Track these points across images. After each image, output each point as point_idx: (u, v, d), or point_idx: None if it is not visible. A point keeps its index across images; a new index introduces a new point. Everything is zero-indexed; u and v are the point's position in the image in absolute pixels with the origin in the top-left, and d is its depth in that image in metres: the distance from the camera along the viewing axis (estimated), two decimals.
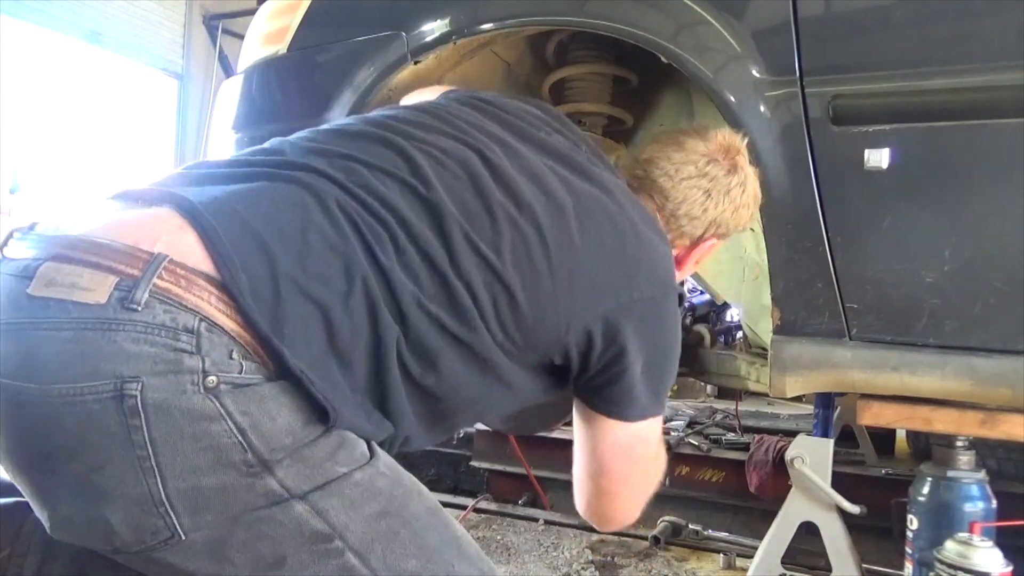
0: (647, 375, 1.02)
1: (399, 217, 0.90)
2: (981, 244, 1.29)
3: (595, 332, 0.98)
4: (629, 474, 1.11)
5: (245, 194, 0.87)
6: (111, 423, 0.74)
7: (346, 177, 0.91)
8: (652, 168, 1.19)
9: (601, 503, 1.14)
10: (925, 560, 1.47)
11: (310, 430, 0.82)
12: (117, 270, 0.77)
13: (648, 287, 1.01)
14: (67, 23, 5.80)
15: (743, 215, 1.23)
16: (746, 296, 1.76)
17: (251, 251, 0.81)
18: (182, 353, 0.76)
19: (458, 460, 3.55)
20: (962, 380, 1.31)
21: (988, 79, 1.24)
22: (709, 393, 4.04)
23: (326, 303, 0.82)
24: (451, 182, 0.96)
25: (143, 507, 0.76)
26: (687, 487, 2.92)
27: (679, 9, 1.38)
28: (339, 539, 0.81)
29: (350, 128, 1.04)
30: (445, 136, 1.02)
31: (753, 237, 1.66)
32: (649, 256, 1.05)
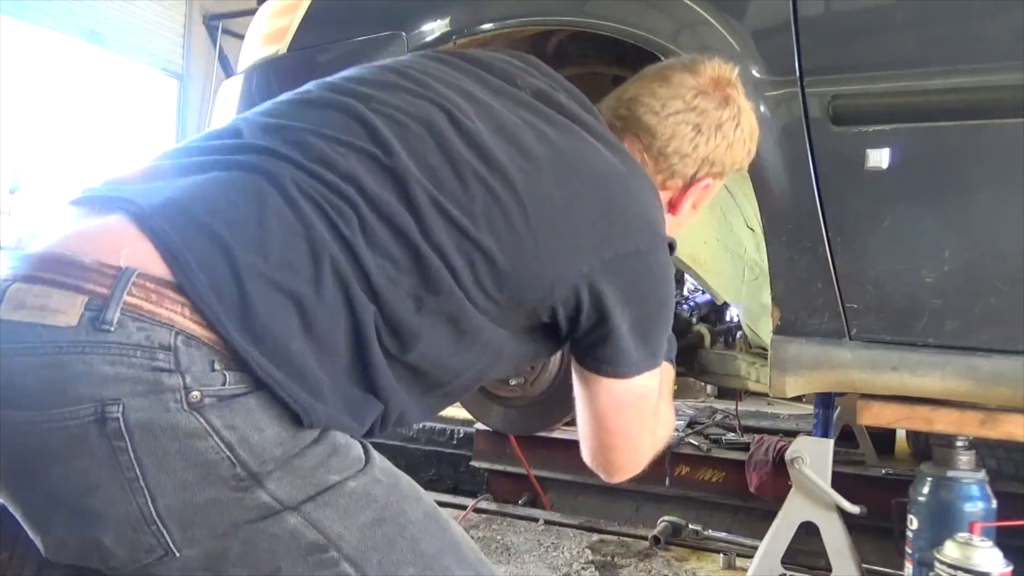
0: (637, 332, 0.99)
1: (361, 190, 0.86)
2: (981, 244, 1.29)
3: (581, 291, 0.94)
4: (628, 428, 1.08)
5: (197, 189, 0.83)
6: (96, 446, 0.73)
7: (302, 154, 0.88)
8: (636, 106, 1.11)
9: (604, 455, 1.13)
10: (925, 560, 1.47)
11: (300, 439, 0.81)
12: (85, 289, 0.75)
13: (634, 239, 0.97)
14: (67, 23, 5.80)
15: (738, 152, 1.15)
16: (746, 296, 1.76)
17: (208, 250, 0.78)
18: (161, 372, 0.74)
19: (458, 460, 3.55)
20: (962, 380, 1.31)
21: (988, 79, 1.24)
22: (709, 393, 4.04)
23: (297, 291, 0.80)
24: (415, 145, 0.91)
25: (135, 526, 0.76)
26: (687, 487, 2.91)
27: (679, 9, 1.38)
28: (334, 549, 0.80)
29: (308, 96, 0.99)
30: (407, 94, 0.97)
31: (753, 237, 1.66)
32: (634, 207, 1.00)
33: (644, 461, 1.16)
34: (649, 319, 1.02)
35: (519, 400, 1.87)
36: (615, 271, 0.95)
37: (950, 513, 1.50)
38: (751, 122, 1.16)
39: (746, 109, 1.15)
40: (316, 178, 0.86)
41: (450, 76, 1.03)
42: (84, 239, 0.79)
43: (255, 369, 0.77)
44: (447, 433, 3.64)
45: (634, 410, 1.07)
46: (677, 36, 1.38)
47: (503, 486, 3.22)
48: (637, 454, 1.13)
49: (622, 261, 0.96)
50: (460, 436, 3.57)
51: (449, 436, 3.64)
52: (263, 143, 0.90)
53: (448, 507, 2.88)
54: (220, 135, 0.95)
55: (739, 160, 1.17)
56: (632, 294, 0.97)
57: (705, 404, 3.82)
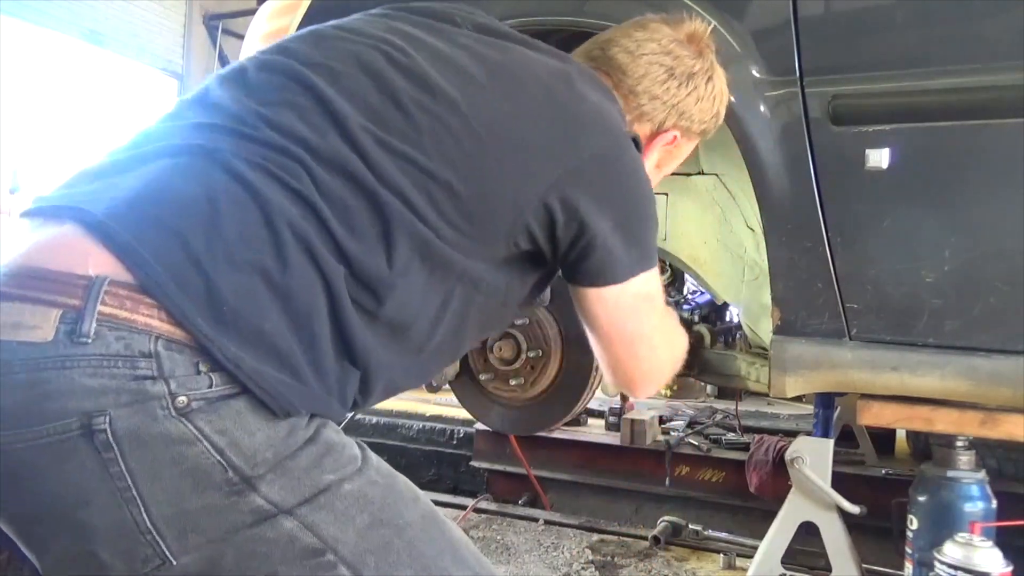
0: (621, 235, 0.96)
1: (306, 145, 0.84)
2: (981, 244, 1.29)
3: (552, 205, 0.91)
4: (639, 333, 1.04)
5: (143, 182, 0.81)
6: (86, 459, 0.73)
7: (241, 123, 0.86)
8: (611, 46, 1.10)
9: (625, 370, 1.08)
10: (925, 560, 1.47)
11: (293, 440, 0.80)
12: (58, 302, 0.74)
13: (596, 142, 0.94)
14: (67, 23, 5.80)
15: (706, 108, 1.14)
16: (746, 296, 1.76)
17: (163, 243, 0.76)
18: (144, 380, 0.73)
19: (458, 460, 3.55)
20: (962, 380, 1.31)
21: (988, 79, 1.24)
22: (709, 393, 4.04)
23: (260, 264, 0.78)
24: (352, 88, 0.89)
25: (130, 537, 0.75)
26: (687, 487, 2.92)
27: (679, 9, 1.38)
28: (331, 552, 0.79)
29: (243, 68, 0.97)
30: (342, 43, 0.96)
31: (753, 237, 1.66)
32: (590, 111, 0.97)
33: (666, 370, 1.12)
34: (631, 219, 0.98)
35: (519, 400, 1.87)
36: (582, 178, 0.92)
37: (950, 513, 1.50)
38: (722, 84, 1.16)
39: (719, 70, 1.15)
40: (259, 143, 0.84)
41: (387, 22, 1.01)
42: (46, 251, 0.78)
43: (222, 361, 0.75)
44: (447, 433, 3.65)
45: (639, 314, 1.03)
46: None
47: (503, 486, 3.23)
48: (656, 361, 1.09)
49: (587, 166, 0.93)
50: (460, 436, 3.58)
51: (449, 436, 3.64)
52: (202, 120, 0.88)
53: (448, 507, 2.89)
54: (163, 120, 0.93)
55: (707, 118, 1.16)
56: (606, 198, 0.94)
57: (705, 404, 3.82)
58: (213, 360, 0.76)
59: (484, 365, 1.85)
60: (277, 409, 0.78)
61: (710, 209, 1.78)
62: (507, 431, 2.72)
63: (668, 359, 1.13)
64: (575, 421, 3.22)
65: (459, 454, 3.55)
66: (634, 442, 3.02)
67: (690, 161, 1.81)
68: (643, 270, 1.00)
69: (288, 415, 0.80)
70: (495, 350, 1.81)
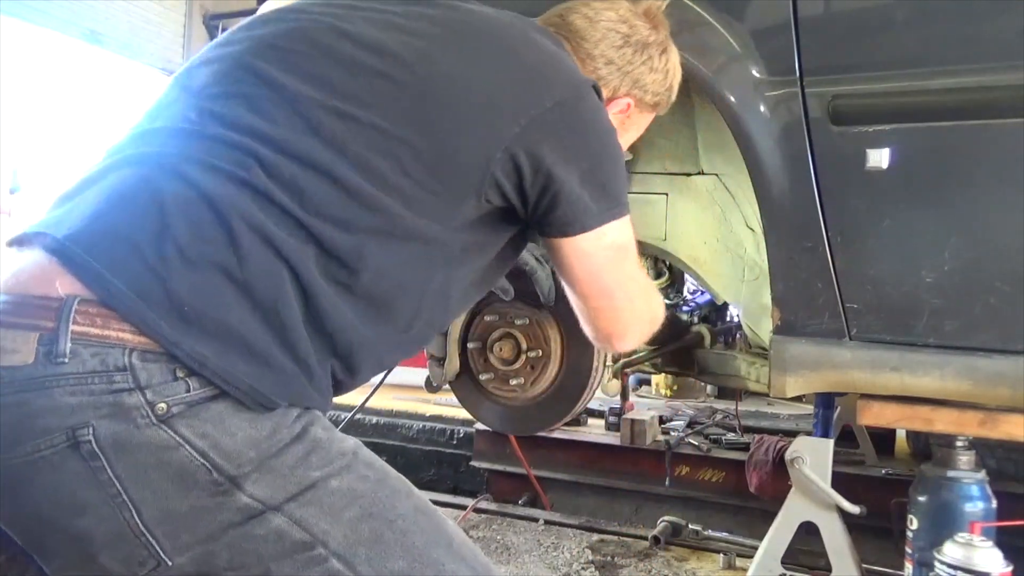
0: (589, 183, 0.95)
1: (253, 133, 0.84)
2: (981, 244, 1.29)
3: (518, 158, 0.90)
4: (617, 282, 1.04)
5: (98, 199, 0.83)
6: (76, 469, 0.75)
7: (187, 122, 0.87)
8: (570, 13, 1.12)
9: (603, 323, 1.09)
10: (925, 560, 1.47)
11: (277, 438, 0.81)
12: (35, 325, 0.76)
13: (557, 91, 0.93)
14: (67, 23, 5.79)
15: (659, 80, 1.16)
16: (746, 296, 1.76)
17: (119, 255, 0.78)
18: (120, 394, 0.75)
19: (458, 460, 3.55)
20: (962, 380, 1.31)
21: (988, 79, 1.24)
22: (709, 393, 4.04)
23: (218, 261, 0.79)
24: (302, 64, 0.89)
25: (126, 540, 0.77)
26: (687, 487, 2.92)
27: (679, 9, 1.38)
28: (321, 546, 0.80)
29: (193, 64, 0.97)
30: (287, 23, 0.96)
31: (753, 237, 1.66)
32: (542, 58, 0.97)
33: (644, 321, 1.12)
34: (597, 167, 0.97)
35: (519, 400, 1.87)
36: (545, 128, 0.91)
37: (950, 513, 1.50)
38: (676, 60, 1.19)
39: (674, 48, 1.18)
40: (205, 139, 0.85)
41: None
42: (21, 278, 0.80)
43: (187, 362, 0.77)
44: (447, 433, 3.65)
45: (613, 264, 1.02)
46: (677, 36, 1.38)
47: (503, 486, 3.23)
48: (634, 311, 1.09)
49: (549, 116, 0.92)
50: (460, 436, 3.58)
51: (449, 436, 3.64)
52: (152, 126, 0.90)
53: (448, 507, 2.89)
54: (128, 132, 0.95)
55: (660, 90, 1.17)
56: (570, 147, 0.93)
57: (705, 404, 3.83)
58: (186, 365, 0.77)
59: (484, 365, 1.84)
60: (251, 404, 0.80)
61: (710, 209, 1.78)
62: (507, 431, 2.72)
63: (645, 310, 1.12)
64: (575, 421, 3.22)
65: (459, 454, 3.55)
66: (634, 442, 3.02)
67: (690, 161, 1.81)
68: (614, 218, 0.99)
69: (267, 408, 0.81)
70: (495, 350, 1.81)
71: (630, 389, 3.65)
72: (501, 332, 1.81)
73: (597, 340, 1.14)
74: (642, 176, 1.83)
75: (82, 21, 5.90)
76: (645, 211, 1.85)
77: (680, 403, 3.83)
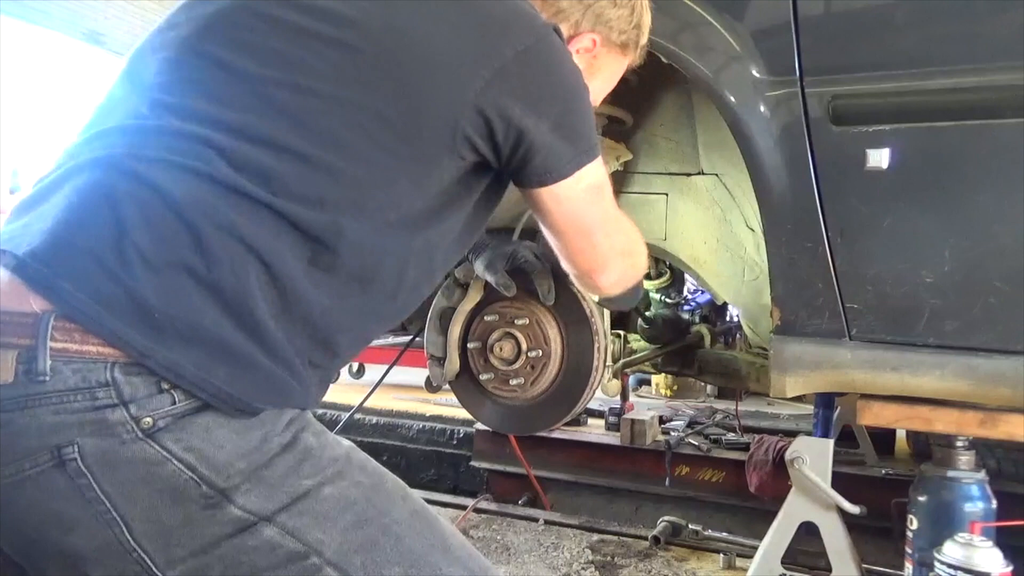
0: (560, 131, 0.92)
1: (208, 121, 0.81)
2: (981, 244, 1.29)
3: (487, 112, 0.87)
4: (594, 220, 1.03)
5: (55, 211, 0.79)
6: (62, 488, 0.74)
7: (137, 118, 0.84)
8: None
9: (585, 259, 1.08)
10: (925, 560, 1.47)
11: (267, 448, 0.80)
12: (12, 343, 0.74)
13: (516, 39, 0.89)
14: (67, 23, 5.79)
15: (624, 16, 1.13)
16: (746, 296, 1.76)
17: (81, 267, 0.75)
18: (104, 410, 0.74)
19: (458, 460, 3.55)
20: (962, 380, 1.31)
21: (988, 79, 1.24)
22: (709, 393, 4.04)
23: (182, 261, 0.76)
24: (250, 39, 0.85)
25: (117, 556, 0.76)
26: (687, 487, 2.92)
27: (679, 9, 1.38)
28: (315, 555, 0.79)
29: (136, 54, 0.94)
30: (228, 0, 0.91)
31: (753, 237, 1.66)
32: (504, 8, 0.93)
33: (624, 257, 1.12)
34: (566, 113, 0.94)
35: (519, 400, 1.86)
36: (511, 78, 0.88)
37: (950, 513, 1.50)
38: (643, 3, 1.16)
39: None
40: (158, 134, 0.82)
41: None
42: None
43: (162, 373, 0.75)
44: (447, 433, 3.64)
45: (590, 205, 1.01)
46: (677, 36, 1.38)
47: (503, 486, 3.23)
48: (613, 247, 1.08)
49: (513, 65, 0.88)
50: (460, 436, 3.58)
51: (449, 436, 3.64)
52: (102, 127, 0.87)
53: (448, 507, 2.89)
54: (79, 135, 0.91)
55: (626, 27, 1.14)
56: (537, 97, 0.91)
57: (705, 404, 3.83)
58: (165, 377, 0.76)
59: (484, 365, 1.84)
60: (230, 411, 0.78)
61: (710, 209, 1.78)
62: (507, 431, 2.72)
63: (625, 244, 1.11)
64: (575, 421, 3.22)
65: (459, 454, 3.55)
66: (634, 442, 3.02)
67: (690, 161, 1.81)
68: (588, 161, 0.97)
69: (252, 416, 0.79)
70: (495, 350, 1.80)
71: (630, 389, 3.66)
72: (501, 332, 1.81)
73: (579, 279, 1.14)
74: (642, 176, 1.83)
75: (82, 22, 5.89)
76: (645, 211, 1.85)
77: (680, 403, 3.83)
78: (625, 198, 1.87)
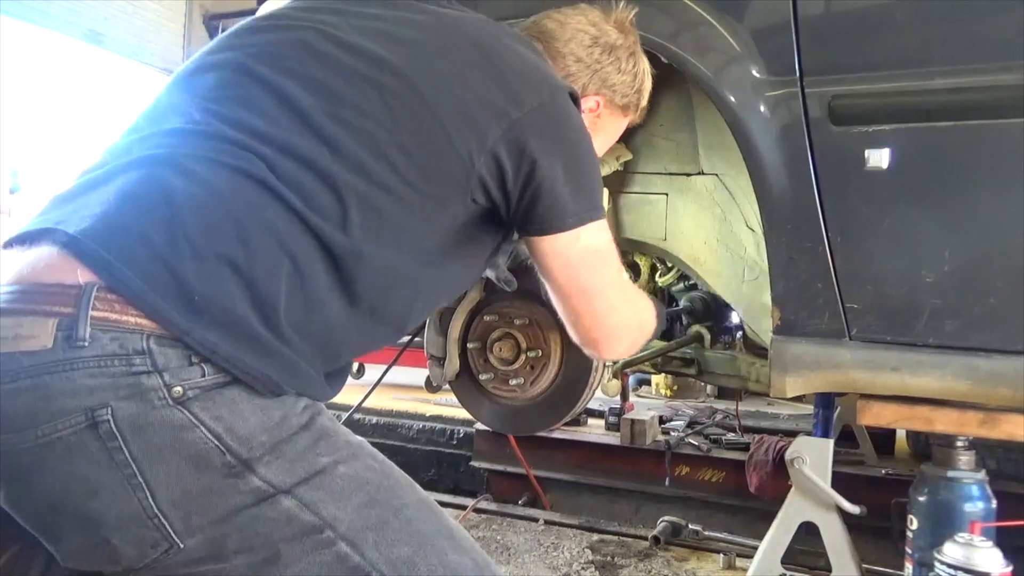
0: (568, 180, 0.99)
1: (256, 133, 0.88)
2: (981, 244, 1.29)
3: (501, 154, 0.95)
4: (595, 287, 1.08)
5: (108, 197, 0.85)
6: (92, 450, 0.77)
7: (192, 123, 0.90)
8: (543, 19, 1.21)
9: (585, 325, 1.12)
10: (925, 560, 1.47)
11: (287, 425, 0.84)
12: (54, 311, 0.78)
13: (534, 95, 0.98)
14: (67, 23, 5.80)
15: (627, 81, 1.22)
16: (746, 296, 1.76)
17: (130, 246, 0.80)
18: (139, 375, 0.77)
19: (458, 460, 3.55)
20: (962, 380, 1.31)
21: (988, 79, 1.23)
22: (709, 393, 4.05)
23: (225, 253, 0.81)
24: (296, 68, 0.93)
25: (139, 522, 0.78)
26: (687, 487, 2.92)
27: (679, 9, 1.38)
28: (329, 529, 0.82)
29: (187, 71, 1.02)
30: (278, 31, 1.00)
31: (753, 237, 1.66)
32: (521, 64, 1.02)
33: (631, 328, 1.16)
34: (576, 165, 1.01)
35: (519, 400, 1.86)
36: (527, 128, 0.96)
37: (950, 513, 1.50)
38: (644, 65, 1.26)
39: (643, 55, 1.25)
40: (211, 138, 0.88)
41: (319, 3, 1.06)
42: (34, 270, 0.82)
43: (198, 349, 0.79)
44: (447, 433, 3.65)
45: (591, 268, 1.06)
46: (677, 36, 1.38)
47: (503, 486, 3.23)
48: (616, 318, 1.12)
49: (530, 118, 0.96)
50: (460, 436, 3.58)
51: (449, 436, 3.64)
52: (157, 128, 0.93)
53: (448, 507, 2.89)
54: (124, 135, 0.97)
55: (629, 92, 1.23)
56: (551, 143, 0.98)
57: (705, 404, 3.83)
58: (198, 352, 0.80)
59: (484, 365, 1.84)
60: (262, 389, 0.82)
61: (710, 209, 1.78)
62: (507, 431, 2.72)
63: (630, 317, 1.15)
64: (575, 421, 3.22)
65: (459, 454, 3.55)
66: (634, 442, 3.02)
67: (690, 161, 1.81)
68: (591, 220, 1.02)
69: (276, 396, 0.84)
70: (495, 350, 1.80)
71: (630, 389, 3.66)
72: (501, 332, 1.81)
73: (583, 345, 1.17)
74: (642, 176, 1.83)
75: (82, 21, 5.90)
76: (645, 211, 1.85)
77: (680, 403, 3.83)
78: (625, 198, 1.87)
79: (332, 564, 0.82)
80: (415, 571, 0.84)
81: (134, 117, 0.99)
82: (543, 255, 1.04)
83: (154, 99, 1.01)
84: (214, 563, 0.81)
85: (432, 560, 0.86)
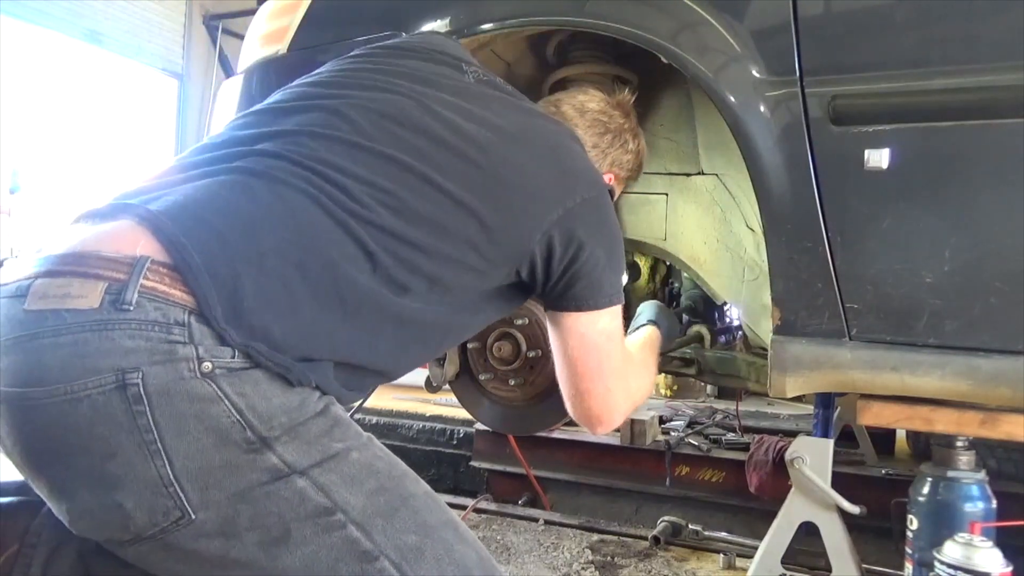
0: (608, 264, 1.14)
1: (351, 174, 0.95)
2: (981, 244, 1.29)
3: (554, 238, 1.08)
4: (598, 370, 1.20)
5: (194, 192, 0.90)
6: (117, 411, 0.79)
7: (291, 151, 0.96)
8: (562, 104, 1.40)
9: (582, 402, 1.24)
10: (925, 560, 1.47)
11: (305, 410, 0.87)
12: (105, 276, 0.82)
13: (585, 189, 1.13)
14: (67, 23, 5.80)
15: (631, 160, 1.45)
16: (746, 296, 1.76)
17: (205, 238, 0.85)
18: (176, 344, 0.81)
19: (458, 460, 3.56)
20: (962, 380, 1.30)
21: (988, 79, 1.23)
22: (709, 393, 4.05)
23: (286, 278, 0.87)
24: (392, 129, 1.02)
25: (154, 489, 0.80)
26: (687, 487, 2.92)
27: (679, 9, 1.38)
28: (340, 512, 0.85)
29: (286, 103, 1.09)
30: (380, 91, 1.09)
31: (753, 237, 1.66)
32: (579, 163, 1.19)
33: (621, 409, 1.27)
34: (614, 250, 1.17)
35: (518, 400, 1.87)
36: (578, 216, 1.10)
37: (950, 513, 1.50)
38: (642, 143, 1.49)
39: (640, 131, 1.48)
40: (307, 170, 0.94)
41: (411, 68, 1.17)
42: (99, 238, 0.86)
43: (233, 345, 0.83)
44: (447, 433, 3.65)
45: (600, 351, 1.19)
46: (677, 36, 1.38)
47: (503, 486, 3.23)
48: (611, 399, 1.24)
49: (580, 207, 1.11)
50: (460, 436, 3.58)
51: (449, 436, 3.64)
52: (253, 147, 0.97)
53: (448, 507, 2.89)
54: (212, 146, 1.02)
55: (632, 167, 1.46)
56: (596, 230, 1.13)
57: (705, 404, 3.83)
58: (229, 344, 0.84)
59: (483, 365, 1.84)
60: (286, 374, 0.87)
61: (710, 209, 1.78)
62: (507, 431, 2.72)
63: (623, 402, 1.27)
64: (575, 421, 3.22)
65: (459, 454, 3.55)
66: (634, 442, 3.02)
67: (690, 161, 1.81)
68: (615, 303, 1.18)
69: (302, 384, 0.88)
70: (495, 350, 1.80)
71: None
72: (501, 332, 1.81)
73: (583, 421, 1.28)
74: (642, 176, 1.83)
75: (82, 21, 5.90)
76: (645, 211, 1.85)
77: (680, 403, 3.83)
78: (625, 198, 1.87)
79: (341, 547, 0.84)
80: (422, 559, 0.87)
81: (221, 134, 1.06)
82: (566, 329, 1.17)
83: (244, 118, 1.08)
84: (223, 539, 0.83)
85: (439, 549, 0.88)
